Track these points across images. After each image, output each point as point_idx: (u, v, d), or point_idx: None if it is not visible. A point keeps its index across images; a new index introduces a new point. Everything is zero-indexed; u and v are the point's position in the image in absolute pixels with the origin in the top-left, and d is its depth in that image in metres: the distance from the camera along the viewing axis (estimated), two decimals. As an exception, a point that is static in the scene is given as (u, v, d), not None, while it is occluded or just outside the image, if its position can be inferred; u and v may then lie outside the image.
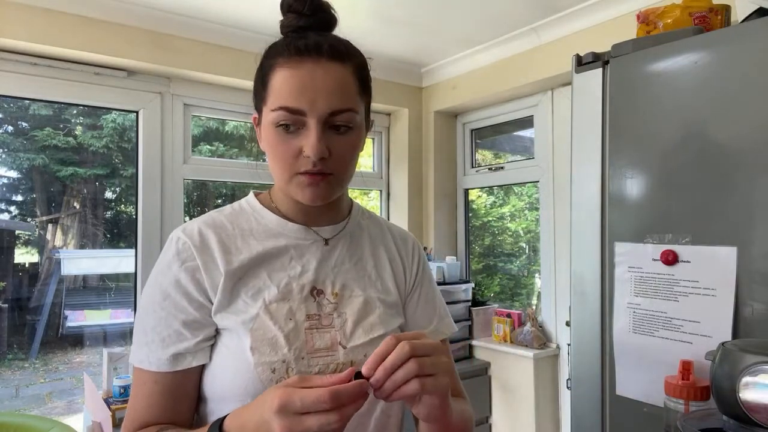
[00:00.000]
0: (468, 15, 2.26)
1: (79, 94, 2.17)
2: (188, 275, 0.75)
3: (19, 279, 4.27)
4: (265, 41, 0.81)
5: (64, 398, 4.14)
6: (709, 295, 1.04)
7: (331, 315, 0.79)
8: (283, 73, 0.72)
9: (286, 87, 0.71)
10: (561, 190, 2.50)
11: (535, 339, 2.47)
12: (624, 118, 1.20)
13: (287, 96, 0.71)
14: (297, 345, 0.74)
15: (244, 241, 0.79)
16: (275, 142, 0.73)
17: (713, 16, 1.19)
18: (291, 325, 0.75)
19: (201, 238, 0.77)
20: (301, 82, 0.71)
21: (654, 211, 1.14)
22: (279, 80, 0.72)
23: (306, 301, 0.78)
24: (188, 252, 0.76)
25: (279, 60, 0.73)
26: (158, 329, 0.73)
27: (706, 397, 0.96)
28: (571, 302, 1.29)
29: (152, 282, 0.76)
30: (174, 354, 0.72)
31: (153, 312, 0.74)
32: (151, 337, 0.73)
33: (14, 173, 4.06)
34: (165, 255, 0.77)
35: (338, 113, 0.72)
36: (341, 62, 0.73)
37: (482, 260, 3.25)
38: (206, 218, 0.81)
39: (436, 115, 3.04)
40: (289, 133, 0.72)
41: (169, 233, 2.67)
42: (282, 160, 0.74)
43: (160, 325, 0.73)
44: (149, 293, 0.76)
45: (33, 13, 1.95)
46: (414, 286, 0.90)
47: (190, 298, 0.75)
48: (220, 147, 3.14)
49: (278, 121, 0.72)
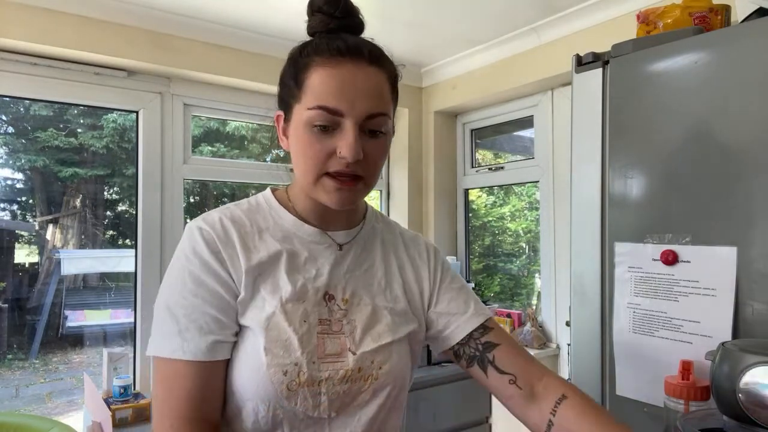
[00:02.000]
0: (468, 15, 2.26)
1: (79, 94, 2.17)
2: (218, 263, 0.74)
3: (19, 279, 4.27)
4: (265, 41, 0.81)
5: (64, 398, 4.14)
6: (709, 295, 1.04)
7: (341, 321, 0.78)
8: (322, 72, 0.71)
9: (326, 86, 0.70)
10: (561, 190, 2.50)
11: (535, 339, 2.47)
12: (624, 118, 1.20)
13: (327, 95, 0.70)
14: (309, 348, 0.74)
15: (261, 239, 0.79)
16: (308, 141, 0.72)
17: (713, 16, 1.19)
18: (305, 328, 0.75)
19: (224, 231, 0.76)
20: (342, 83, 0.70)
21: (654, 211, 1.14)
22: (317, 79, 0.71)
23: (319, 305, 0.78)
24: (214, 242, 0.75)
25: (316, 59, 0.72)
26: (193, 316, 0.71)
27: (706, 397, 0.96)
28: (571, 302, 1.29)
29: (178, 271, 0.74)
30: (213, 342, 0.71)
31: (183, 299, 0.72)
32: (185, 325, 0.70)
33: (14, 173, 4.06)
34: (189, 244, 0.75)
35: (374, 117, 0.72)
36: (378, 67, 0.74)
37: (482, 260, 3.25)
38: (225, 211, 0.80)
39: (436, 115, 3.04)
40: (324, 133, 0.71)
41: (169, 233, 2.65)
42: (313, 160, 0.72)
43: (195, 312, 0.71)
44: (176, 281, 0.73)
45: (33, 13, 1.95)
46: (437, 284, 0.90)
47: (224, 285, 0.73)
48: (221, 148, 3.14)
49: (315, 121, 0.71)
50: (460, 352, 0.87)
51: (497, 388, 0.85)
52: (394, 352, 0.80)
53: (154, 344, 0.72)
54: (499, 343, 0.85)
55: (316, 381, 0.73)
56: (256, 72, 2.42)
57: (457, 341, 0.86)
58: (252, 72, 2.42)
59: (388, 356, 0.79)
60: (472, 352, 0.86)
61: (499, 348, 0.85)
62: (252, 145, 3.19)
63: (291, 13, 2.18)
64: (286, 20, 2.25)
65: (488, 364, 0.84)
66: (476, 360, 0.86)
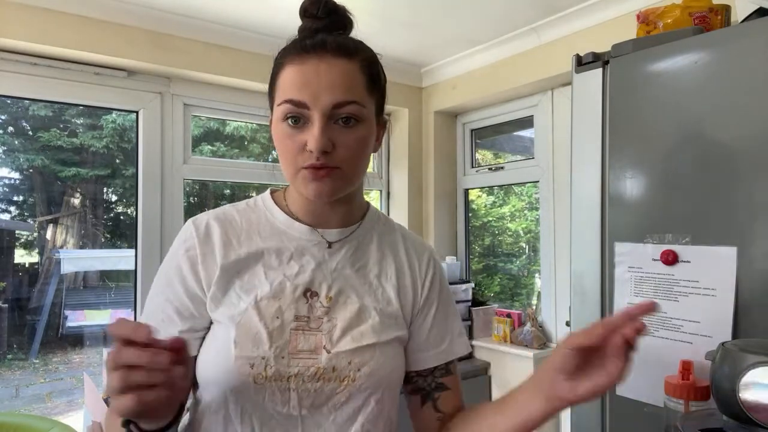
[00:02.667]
0: (468, 15, 2.26)
1: (79, 94, 2.17)
2: (188, 264, 0.78)
3: (19, 279, 4.27)
4: (265, 41, 0.82)
5: (64, 398, 4.14)
6: (709, 295, 1.04)
7: (320, 318, 0.78)
8: (290, 69, 0.75)
9: (291, 82, 0.74)
10: (561, 190, 2.50)
11: (535, 339, 2.46)
12: (624, 118, 1.20)
13: (291, 89, 0.73)
14: (279, 344, 0.74)
15: (247, 237, 0.81)
16: (282, 136, 0.75)
17: (713, 16, 1.19)
18: (277, 323, 0.75)
19: (206, 230, 0.80)
20: (305, 77, 0.73)
21: (654, 211, 1.14)
22: (285, 77, 0.75)
23: (297, 301, 0.78)
24: (192, 242, 0.79)
25: (287, 59, 0.76)
26: (155, 313, 0.77)
27: (706, 397, 0.96)
28: (571, 302, 1.29)
29: (161, 268, 0.81)
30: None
31: (155, 296, 0.79)
32: (145, 319, 0.77)
33: (14, 174, 4.06)
34: (175, 242, 0.81)
35: (342, 105, 0.73)
36: (347, 57, 0.75)
37: (482, 260, 3.25)
38: (218, 211, 0.84)
39: (436, 115, 3.04)
40: (296, 128, 0.74)
41: (169, 233, 2.66)
42: (288, 155, 0.75)
43: (157, 309, 0.78)
44: (157, 279, 0.80)
45: (33, 13, 1.95)
46: (426, 302, 0.88)
47: (185, 287, 0.78)
48: (221, 148, 3.14)
49: (284, 114, 0.74)
50: (412, 377, 0.88)
51: (424, 420, 0.88)
52: (377, 354, 0.78)
53: None
54: (449, 388, 0.88)
55: (284, 376, 0.73)
56: (256, 72, 2.42)
57: (416, 370, 0.88)
58: (252, 72, 2.42)
59: (369, 358, 0.77)
60: (424, 385, 0.88)
61: (446, 392, 0.88)
62: (252, 145, 3.19)
63: (291, 13, 2.17)
64: (286, 20, 2.25)
65: (430, 401, 0.88)
66: (422, 392, 0.88)
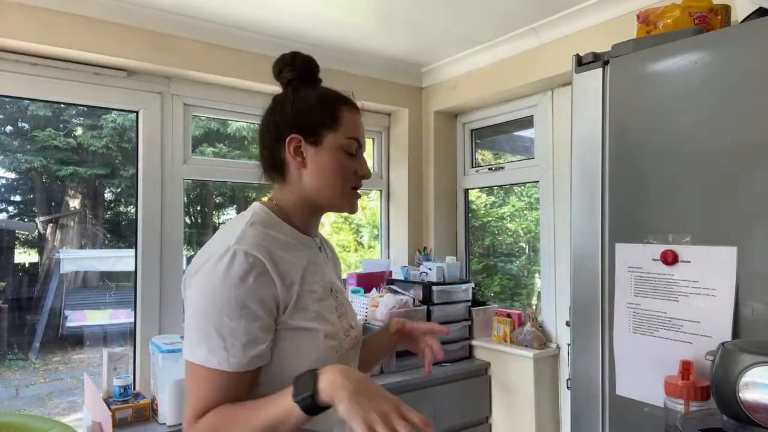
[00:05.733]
0: (468, 15, 2.26)
1: (79, 94, 2.17)
2: (264, 288, 0.87)
3: (19, 279, 4.27)
4: (265, 41, 0.82)
5: (64, 398, 4.14)
6: (709, 295, 1.04)
7: (343, 305, 1.03)
8: (349, 114, 0.99)
9: (355, 125, 1.00)
10: (561, 190, 2.50)
11: (535, 339, 2.46)
12: (624, 117, 1.20)
13: (357, 131, 0.99)
14: (341, 327, 0.98)
15: (290, 254, 0.94)
16: (341, 161, 0.97)
17: (713, 16, 1.19)
18: (336, 315, 0.98)
19: (268, 254, 0.89)
20: (360, 124, 1.02)
21: (654, 211, 1.14)
22: (349, 118, 0.99)
23: (331, 297, 1.00)
24: (261, 267, 0.87)
25: (342, 104, 0.99)
26: (237, 335, 0.84)
27: (706, 397, 0.96)
28: (571, 302, 1.29)
29: (223, 293, 0.84)
30: (253, 356, 0.86)
31: (230, 320, 0.84)
32: (230, 343, 0.84)
33: (14, 174, 4.06)
34: (234, 268, 0.85)
35: None
36: None
37: (482, 260, 3.25)
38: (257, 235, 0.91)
39: (436, 115, 3.04)
40: (351, 157, 0.98)
41: (168, 233, 2.64)
42: (344, 177, 0.97)
43: (239, 332, 0.84)
44: (222, 303, 0.84)
45: (33, 13, 1.95)
46: None
47: (266, 308, 0.87)
48: (222, 148, 3.14)
49: (349, 147, 0.98)
50: None
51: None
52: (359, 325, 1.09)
53: (201, 355, 0.84)
54: None
55: (345, 348, 0.98)
56: (256, 72, 2.42)
57: None
58: (252, 72, 2.42)
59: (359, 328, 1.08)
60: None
61: None
62: (252, 146, 3.19)
63: (291, 13, 2.18)
64: (286, 20, 2.25)
65: None
66: None
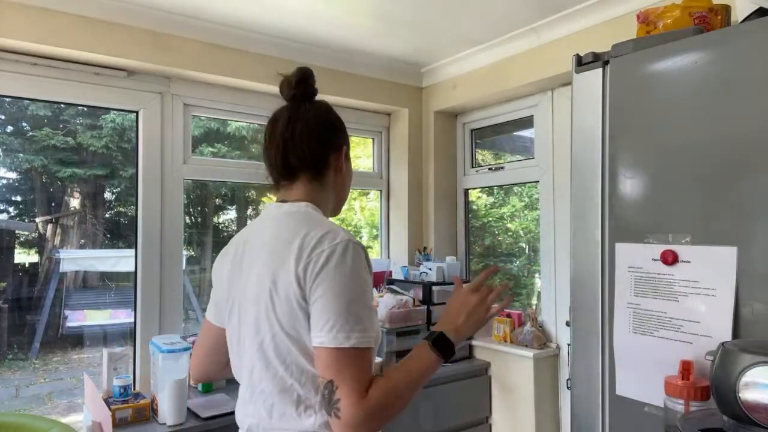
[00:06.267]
0: (468, 15, 2.26)
1: (79, 94, 2.17)
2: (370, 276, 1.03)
3: (19, 279, 4.27)
4: (265, 41, 0.82)
5: (64, 398, 4.14)
6: (709, 295, 1.04)
7: None
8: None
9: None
10: (561, 190, 2.50)
11: (535, 339, 2.46)
12: (624, 118, 1.20)
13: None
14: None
15: None
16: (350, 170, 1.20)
17: (713, 16, 1.19)
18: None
19: None
20: None
21: (654, 211, 1.14)
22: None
23: None
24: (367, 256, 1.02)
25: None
26: (372, 316, 0.98)
27: (706, 397, 0.96)
28: (571, 302, 1.29)
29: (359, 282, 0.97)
30: (378, 330, 0.99)
31: (367, 304, 0.97)
32: (370, 322, 0.96)
33: (14, 174, 4.06)
34: (362, 259, 0.99)
35: None
36: None
37: (482, 260, 3.25)
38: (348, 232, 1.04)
39: (436, 115, 3.04)
40: None
41: (168, 233, 2.64)
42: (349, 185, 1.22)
43: (372, 312, 0.98)
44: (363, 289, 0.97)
45: (33, 13, 1.95)
46: None
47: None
48: (222, 148, 3.14)
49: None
50: None
51: None
52: None
53: (355, 339, 0.94)
54: None
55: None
56: (256, 72, 2.42)
57: None
58: (252, 72, 2.42)
59: None
60: None
61: None
62: (253, 146, 3.19)
63: (291, 13, 2.18)
64: (286, 20, 2.25)
65: None
66: None
